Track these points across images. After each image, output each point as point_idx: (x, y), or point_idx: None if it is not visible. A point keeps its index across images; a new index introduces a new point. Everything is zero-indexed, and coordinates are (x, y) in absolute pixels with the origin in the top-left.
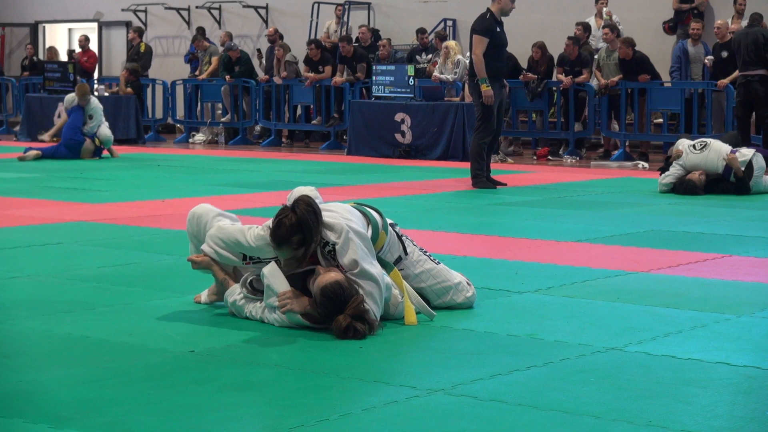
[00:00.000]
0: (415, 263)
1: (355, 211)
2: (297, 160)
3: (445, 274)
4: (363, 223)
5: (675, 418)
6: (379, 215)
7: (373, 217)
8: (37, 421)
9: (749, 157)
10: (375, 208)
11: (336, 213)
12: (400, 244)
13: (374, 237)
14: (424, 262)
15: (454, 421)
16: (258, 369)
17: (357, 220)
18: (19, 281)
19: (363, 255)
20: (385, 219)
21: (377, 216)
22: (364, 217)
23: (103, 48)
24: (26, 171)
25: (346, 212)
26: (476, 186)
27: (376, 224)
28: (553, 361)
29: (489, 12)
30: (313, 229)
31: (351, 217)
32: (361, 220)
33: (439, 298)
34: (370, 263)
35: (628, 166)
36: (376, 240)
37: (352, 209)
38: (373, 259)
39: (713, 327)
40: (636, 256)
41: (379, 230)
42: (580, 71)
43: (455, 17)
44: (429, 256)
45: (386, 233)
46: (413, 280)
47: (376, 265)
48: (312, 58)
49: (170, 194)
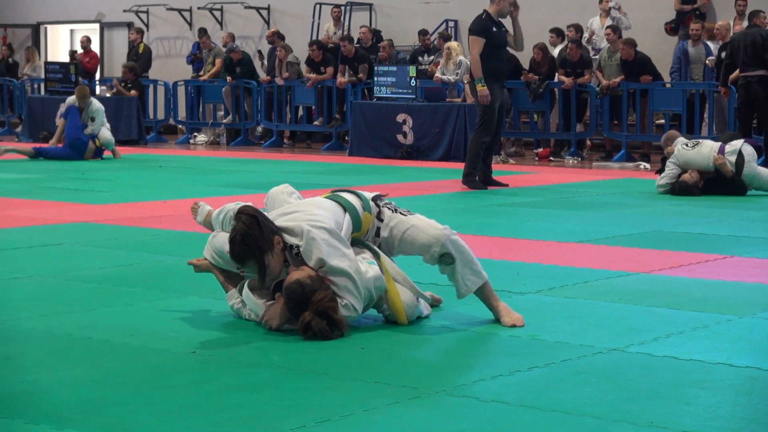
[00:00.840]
0: (394, 227)
1: (325, 203)
2: (299, 160)
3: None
4: (335, 214)
5: (676, 418)
6: (357, 197)
7: (349, 203)
8: (38, 421)
9: (738, 147)
10: (353, 191)
11: (298, 213)
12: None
13: (356, 222)
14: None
15: (456, 422)
16: (259, 370)
17: (326, 213)
18: (21, 282)
19: (330, 251)
20: (365, 198)
21: (354, 199)
22: (339, 205)
23: (105, 49)
24: (27, 172)
25: (312, 208)
26: (466, 185)
27: (353, 209)
28: (554, 362)
29: (485, 13)
30: (260, 240)
31: (316, 214)
32: (333, 212)
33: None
34: (341, 256)
35: (630, 167)
36: (359, 225)
37: (323, 201)
38: (344, 250)
39: (715, 328)
40: (637, 256)
41: (359, 214)
42: (582, 72)
43: (457, 18)
44: (403, 210)
45: (370, 213)
46: (398, 245)
47: (348, 255)
48: (314, 59)
49: (172, 195)
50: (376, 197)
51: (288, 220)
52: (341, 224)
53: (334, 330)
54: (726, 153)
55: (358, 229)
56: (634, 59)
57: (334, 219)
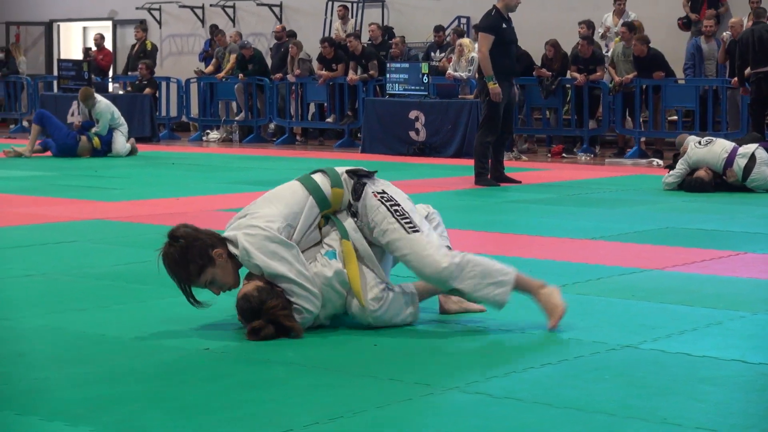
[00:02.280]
0: (385, 237)
1: (283, 193)
2: (311, 158)
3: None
4: (290, 205)
5: (689, 415)
6: (325, 175)
7: (313, 183)
8: (51, 418)
9: (752, 150)
10: (324, 169)
11: (243, 219)
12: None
13: (321, 201)
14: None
15: (468, 419)
16: (272, 367)
17: (275, 210)
18: (34, 279)
19: (266, 258)
20: (333, 173)
21: (321, 178)
22: (303, 188)
23: (118, 46)
24: (40, 169)
25: (263, 207)
26: (479, 184)
27: (317, 189)
28: (567, 359)
29: (494, 9)
30: (196, 255)
31: (260, 216)
32: (287, 203)
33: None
34: (279, 260)
35: (643, 164)
36: (326, 203)
37: (281, 191)
38: (284, 253)
39: (728, 324)
40: (650, 253)
41: (326, 193)
42: (594, 69)
43: (469, 15)
44: (404, 221)
45: (341, 187)
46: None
47: (289, 258)
48: (325, 56)
49: (184, 192)
50: (354, 171)
51: (232, 228)
52: (298, 214)
53: (289, 335)
54: (738, 155)
55: (326, 207)
56: (647, 55)
57: (287, 211)
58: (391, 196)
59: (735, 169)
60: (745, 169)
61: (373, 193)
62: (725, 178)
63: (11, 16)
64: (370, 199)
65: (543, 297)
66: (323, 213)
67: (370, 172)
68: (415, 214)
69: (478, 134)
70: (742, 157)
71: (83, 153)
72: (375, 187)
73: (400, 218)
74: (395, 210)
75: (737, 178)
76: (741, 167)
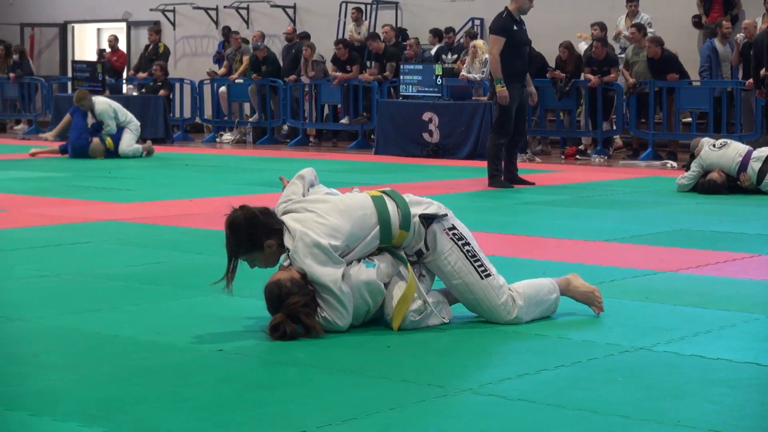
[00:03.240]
0: (453, 276)
1: (354, 209)
2: (324, 159)
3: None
4: (357, 226)
5: (703, 418)
6: (398, 209)
7: (386, 216)
8: (65, 419)
9: (765, 154)
10: (399, 201)
11: (311, 214)
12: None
13: (384, 236)
14: (465, 272)
15: (482, 421)
16: (285, 368)
17: (342, 223)
18: (48, 280)
19: (313, 262)
20: (406, 215)
21: (394, 211)
22: (375, 212)
23: (132, 48)
24: (55, 170)
25: (330, 215)
26: (492, 186)
27: (386, 222)
28: (581, 361)
29: (506, 11)
30: (244, 237)
31: (325, 224)
32: (354, 223)
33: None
34: (325, 267)
35: (657, 166)
36: (388, 239)
37: (354, 205)
38: (333, 264)
39: (742, 327)
40: (664, 255)
41: (392, 230)
42: (608, 71)
43: (483, 16)
44: (477, 265)
45: (407, 231)
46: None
47: (335, 270)
48: (340, 57)
49: (198, 193)
50: (429, 216)
51: (296, 219)
52: (360, 239)
53: (309, 333)
54: (752, 159)
55: (387, 242)
56: (661, 57)
57: (354, 232)
58: (462, 234)
59: (749, 173)
60: (759, 173)
61: (444, 231)
62: (739, 183)
63: (26, 17)
64: (442, 237)
65: (572, 290)
66: (381, 246)
67: (441, 215)
68: (481, 252)
69: (490, 136)
70: (757, 160)
71: (97, 154)
72: (445, 223)
73: (472, 260)
74: (467, 251)
75: (752, 182)
76: (755, 171)
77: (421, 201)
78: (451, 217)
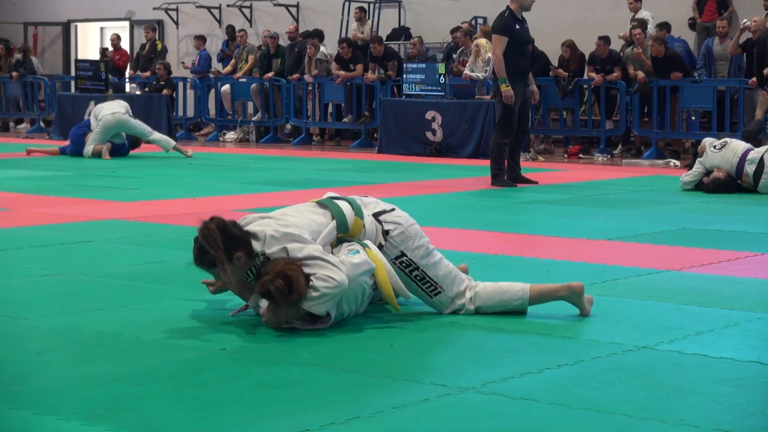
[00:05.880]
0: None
1: (306, 212)
2: (328, 158)
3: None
4: (312, 224)
5: (707, 417)
6: (350, 206)
7: (339, 210)
8: (69, 418)
9: (761, 155)
10: (348, 199)
11: (269, 220)
12: (380, 234)
13: (341, 225)
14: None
15: (485, 420)
16: (289, 367)
17: (301, 221)
18: (52, 279)
19: (293, 241)
20: (357, 206)
21: (346, 207)
22: (328, 212)
23: (135, 47)
24: (58, 169)
25: (290, 216)
26: (496, 185)
27: (341, 215)
28: (584, 360)
29: (508, 10)
30: (215, 249)
31: (288, 224)
32: (309, 222)
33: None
34: (303, 247)
35: (660, 165)
36: (345, 228)
37: (306, 210)
38: (309, 243)
39: (746, 326)
40: (668, 254)
41: (348, 220)
42: (611, 69)
43: (486, 15)
44: (426, 287)
45: (361, 219)
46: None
47: (313, 246)
48: (343, 56)
49: (201, 192)
50: (378, 214)
51: (259, 225)
52: (318, 231)
53: (291, 293)
54: (747, 161)
55: (344, 231)
56: (664, 56)
57: (312, 225)
58: (410, 260)
59: (745, 175)
60: (755, 175)
61: (392, 261)
62: (740, 183)
63: (29, 16)
64: (396, 236)
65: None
66: (340, 236)
67: (387, 210)
68: (436, 254)
69: (493, 135)
70: (751, 163)
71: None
72: (393, 251)
73: (420, 283)
74: (415, 276)
75: (750, 183)
76: (750, 174)
77: (368, 203)
78: (400, 224)
